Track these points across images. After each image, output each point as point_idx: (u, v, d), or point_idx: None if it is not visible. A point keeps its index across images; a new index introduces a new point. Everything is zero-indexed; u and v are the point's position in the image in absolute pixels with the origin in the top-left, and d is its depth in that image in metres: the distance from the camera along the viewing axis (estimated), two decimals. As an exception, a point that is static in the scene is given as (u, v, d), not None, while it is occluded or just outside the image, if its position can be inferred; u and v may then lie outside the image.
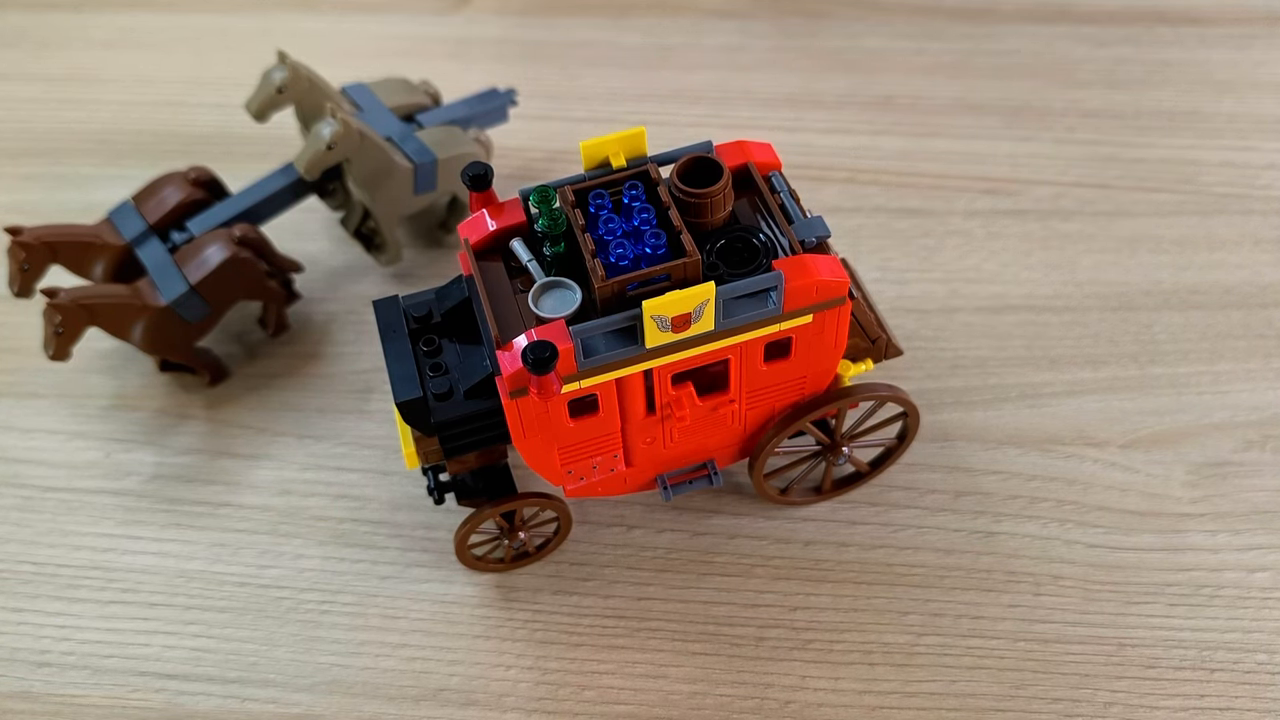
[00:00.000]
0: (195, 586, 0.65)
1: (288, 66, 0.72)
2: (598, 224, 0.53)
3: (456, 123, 0.79)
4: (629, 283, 0.51)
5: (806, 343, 0.56)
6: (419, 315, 0.57)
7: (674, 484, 0.62)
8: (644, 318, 0.50)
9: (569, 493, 0.61)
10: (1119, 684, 0.60)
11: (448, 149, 0.76)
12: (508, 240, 0.55)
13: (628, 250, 0.52)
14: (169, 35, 1.00)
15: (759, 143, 0.57)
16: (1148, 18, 0.97)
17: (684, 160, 0.54)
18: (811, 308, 0.53)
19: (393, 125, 0.76)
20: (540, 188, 0.53)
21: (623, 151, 0.56)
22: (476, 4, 1.02)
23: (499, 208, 0.56)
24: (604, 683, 0.61)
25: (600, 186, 0.54)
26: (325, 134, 0.69)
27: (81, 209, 0.85)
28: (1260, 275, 0.77)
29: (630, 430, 0.57)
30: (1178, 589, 0.63)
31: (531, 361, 0.48)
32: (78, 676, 0.62)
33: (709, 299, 0.50)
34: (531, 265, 0.54)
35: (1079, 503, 0.67)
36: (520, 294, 0.54)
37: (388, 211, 0.75)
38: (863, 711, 0.59)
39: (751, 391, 0.58)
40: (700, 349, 0.53)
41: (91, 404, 0.74)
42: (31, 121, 0.93)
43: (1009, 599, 0.63)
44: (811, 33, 0.98)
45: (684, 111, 0.91)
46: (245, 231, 0.71)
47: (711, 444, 0.61)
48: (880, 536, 0.66)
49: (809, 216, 0.54)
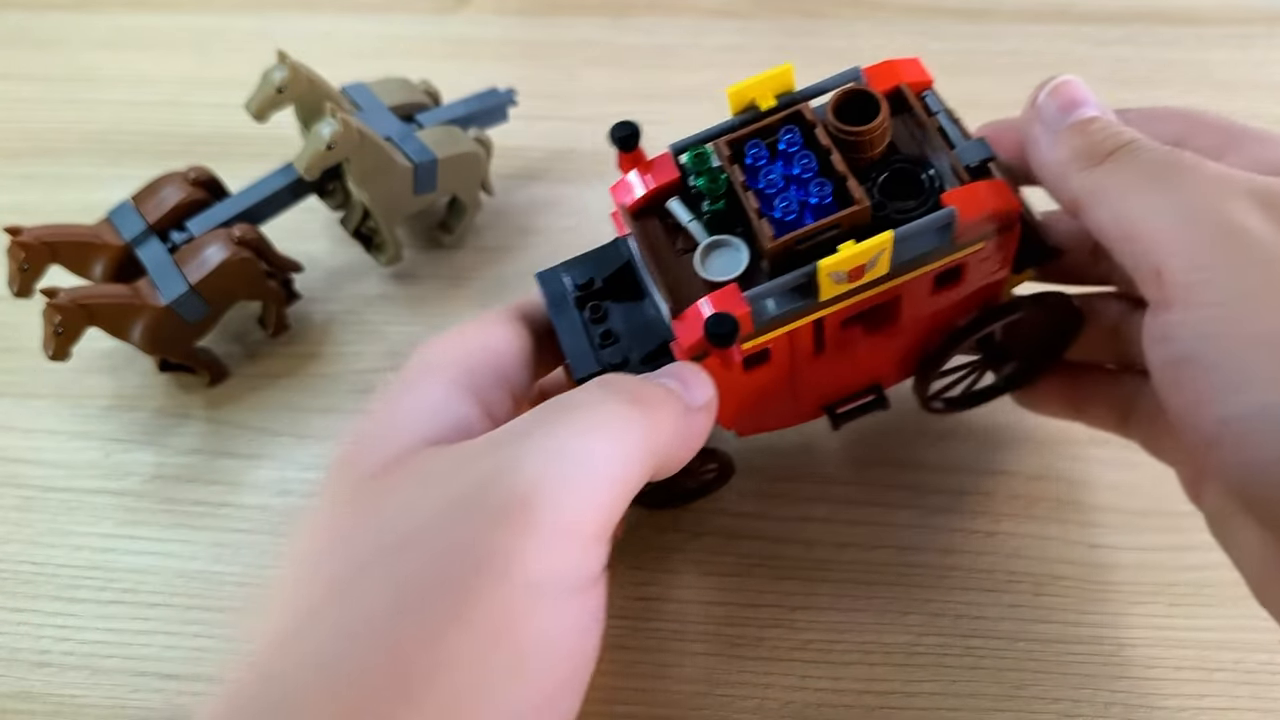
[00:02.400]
0: (195, 586, 0.65)
1: (288, 66, 0.72)
2: (757, 176, 0.51)
3: (456, 122, 0.79)
4: (797, 239, 0.49)
5: (976, 266, 0.54)
6: (581, 283, 0.56)
7: (842, 413, 0.61)
8: (819, 274, 0.48)
9: (741, 433, 0.61)
10: (1119, 684, 0.60)
11: (447, 148, 0.76)
12: (662, 200, 0.54)
13: (792, 201, 0.50)
14: (169, 35, 1.00)
15: (907, 60, 0.55)
16: (1148, 18, 0.97)
17: (838, 96, 0.52)
18: (981, 237, 0.52)
19: (392, 125, 0.76)
20: (696, 148, 0.52)
21: (769, 91, 0.53)
22: (476, 4, 1.02)
23: (648, 166, 0.54)
24: (605, 683, 0.61)
25: (754, 135, 0.52)
26: (325, 134, 0.69)
27: (82, 209, 0.84)
28: (1260, 275, 0.77)
29: (799, 369, 0.57)
30: (1178, 589, 0.63)
31: (714, 336, 0.47)
32: (77, 676, 0.62)
33: (886, 249, 0.49)
34: (693, 226, 0.52)
35: (1080, 503, 0.66)
36: (682, 254, 0.52)
37: (387, 211, 0.75)
38: (863, 712, 0.59)
39: (920, 319, 0.56)
40: (872, 292, 0.52)
41: (92, 404, 0.74)
42: (31, 121, 0.93)
43: (1009, 599, 0.63)
44: (811, 32, 0.97)
45: (684, 111, 0.90)
46: (244, 232, 0.71)
47: (877, 371, 0.61)
48: (881, 536, 0.66)
49: (969, 139, 0.53)
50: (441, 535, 0.43)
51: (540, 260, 0.80)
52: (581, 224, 0.83)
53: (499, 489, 0.43)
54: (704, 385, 0.51)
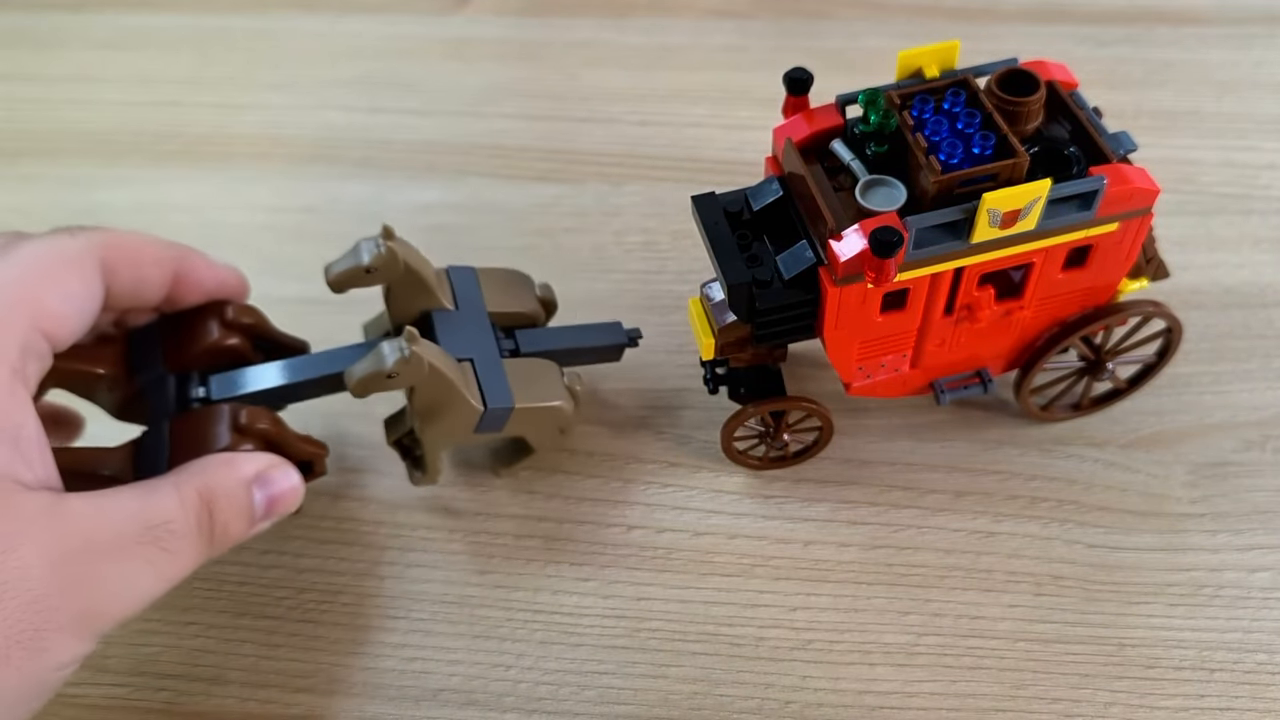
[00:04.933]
0: (195, 586, 0.65)
1: (385, 248, 0.60)
2: (924, 126, 0.55)
3: (562, 354, 0.66)
4: (960, 179, 0.53)
5: (1105, 251, 0.58)
6: (732, 211, 0.60)
7: (950, 388, 0.65)
8: (980, 210, 0.52)
9: (853, 390, 0.64)
10: (1119, 684, 0.60)
11: (529, 397, 0.62)
12: (825, 142, 0.59)
13: (958, 147, 0.54)
14: (169, 35, 1.00)
15: (1056, 63, 0.60)
16: (1147, 18, 0.97)
17: (1002, 71, 0.57)
18: (1120, 215, 0.56)
19: (482, 340, 0.64)
20: (870, 90, 0.57)
21: (935, 63, 0.59)
22: (476, 4, 1.02)
23: (812, 113, 0.59)
24: (604, 682, 0.61)
25: (921, 93, 0.57)
26: (388, 361, 0.57)
27: (83, 209, 0.85)
28: (1260, 275, 0.77)
29: (926, 330, 0.61)
30: (1178, 589, 0.63)
31: (879, 244, 0.51)
32: (79, 675, 0.62)
33: (1042, 196, 0.52)
34: (854, 164, 0.56)
35: (1079, 503, 0.67)
36: (841, 191, 0.57)
37: (439, 442, 0.64)
38: (863, 711, 0.59)
39: (1042, 299, 0.61)
40: (1014, 249, 0.56)
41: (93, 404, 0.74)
42: (32, 121, 0.93)
43: (1009, 599, 0.63)
44: (811, 33, 0.98)
45: (684, 111, 0.91)
46: (253, 418, 0.58)
47: (987, 353, 0.65)
48: (880, 536, 0.66)
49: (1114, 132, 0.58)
50: None
51: (539, 261, 0.80)
52: (581, 224, 0.83)
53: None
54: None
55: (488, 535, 0.67)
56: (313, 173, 0.88)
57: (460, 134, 0.90)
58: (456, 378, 0.60)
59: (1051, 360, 0.65)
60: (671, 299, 0.76)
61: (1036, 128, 0.57)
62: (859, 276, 0.54)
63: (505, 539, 0.67)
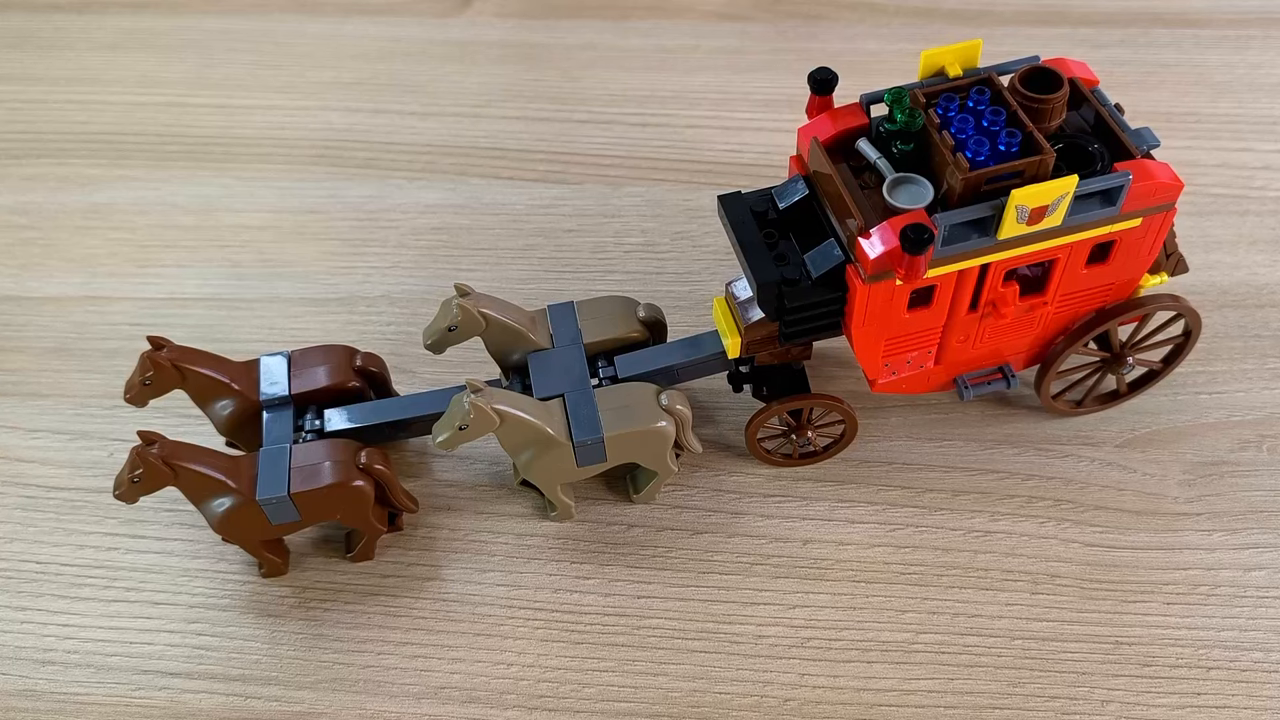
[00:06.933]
0: (198, 585, 0.66)
1: (458, 308, 0.62)
2: (950, 124, 0.55)
3: (661, 374, 0.65)
4: (987, 176, 0.54)
5: (1128, 247, 0.59)
6: (758, 210, 0.60)
7: (974, 384, 0.66)
8: (1008, 207, 0.52)
9: (877, 388, 0.64)
10: (1115, 682, 0.60)
11: (619, 423, 0.61)
12: (849, 141, 0.58)
13: (983, 148, 0.54)
14: (172, 37, 1.01)
15: (1077, 61, 0.60)
16: (1144, 19, 0.97)
17: (1025, 69, 0.58)
18: (1143, 210, 0.57)
19: (573, 372, 0.63)
20: (895, 88, 0.57)
21: (958, 62, 0.59)
22: (478, 7, 1.02)
23: (836, 112, 0.59)
24: (604, 680, 0.61)
25: (946, 91, 0.57)
26: (456, 417, 0.58)
27: (85, 210, 0.85)
28: (1256, 276, 0.77)
29: (951, 326, 0.61)
30: (1174, 587, 0.63)
31: (910, 241, 0.51)
32: (81, 675, 0.63)
33: (1069, 191, 0.53)
34: (880, 162, 0.56)
35: (1076, 502, 0.67)
36: (867, 189, 0.57)
37: (548, 481, 0.64)
38: (860, 709, 0.60)
39: (1065, 295, 0.61)
40: (1040, 245, 0.56)
41: (95, 404, 0.74)
42: (35, 122, 0.94)
43: (1006, 597, 0.63)
44: (810, 35, 0.98)
45: (684, 114, 0.92)
46: (372, 458, 0.62)
47: (1009, 349, 0.65)
48: (878, 535, 0.66)
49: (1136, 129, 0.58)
50: None
51: (538, 263, 0.81)
52: (582, 226, 0.83)
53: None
54: None
55: (489, 534, 0.67)
56: (315, 174, 0.88)
57: (462, 136, 0.90)
58: (538, 416, 0.60)
59: (1075, 354, 0.66)
60: (671, 300, 0.77)
61: (1060, 125, 0.58)
62: (888, 274, 0.55)
63: (506, 537, 0.67)
